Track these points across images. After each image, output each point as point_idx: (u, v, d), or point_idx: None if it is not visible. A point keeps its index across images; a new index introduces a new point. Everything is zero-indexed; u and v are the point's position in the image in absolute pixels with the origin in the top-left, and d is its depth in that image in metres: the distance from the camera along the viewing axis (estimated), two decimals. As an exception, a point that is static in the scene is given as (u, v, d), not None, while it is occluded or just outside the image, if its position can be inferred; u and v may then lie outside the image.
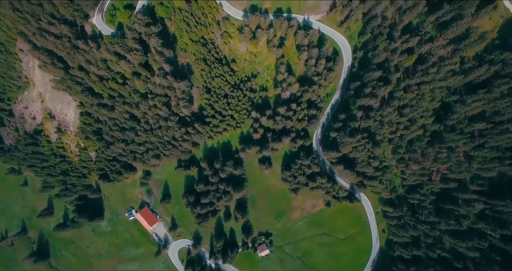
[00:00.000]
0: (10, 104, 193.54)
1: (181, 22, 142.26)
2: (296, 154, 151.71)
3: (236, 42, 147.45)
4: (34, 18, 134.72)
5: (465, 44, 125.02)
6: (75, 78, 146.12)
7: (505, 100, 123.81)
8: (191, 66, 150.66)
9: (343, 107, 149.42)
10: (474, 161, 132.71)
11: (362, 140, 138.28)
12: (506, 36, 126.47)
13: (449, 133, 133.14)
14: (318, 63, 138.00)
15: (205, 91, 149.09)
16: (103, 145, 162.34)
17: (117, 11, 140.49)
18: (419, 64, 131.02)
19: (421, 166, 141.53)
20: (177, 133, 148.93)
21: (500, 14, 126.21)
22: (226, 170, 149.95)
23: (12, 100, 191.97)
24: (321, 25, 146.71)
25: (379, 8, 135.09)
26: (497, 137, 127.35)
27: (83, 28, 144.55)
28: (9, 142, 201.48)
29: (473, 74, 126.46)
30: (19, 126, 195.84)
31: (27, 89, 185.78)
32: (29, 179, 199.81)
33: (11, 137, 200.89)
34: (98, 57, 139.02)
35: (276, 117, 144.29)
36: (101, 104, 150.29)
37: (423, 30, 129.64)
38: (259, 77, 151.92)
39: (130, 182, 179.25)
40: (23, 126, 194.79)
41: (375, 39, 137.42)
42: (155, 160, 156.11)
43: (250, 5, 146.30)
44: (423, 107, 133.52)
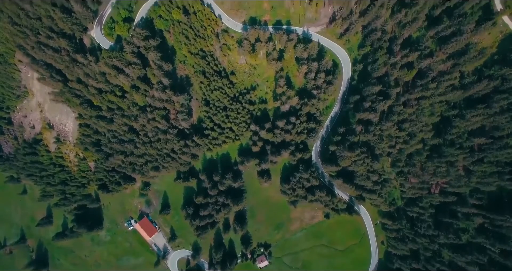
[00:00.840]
0: (9, 113, 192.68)
1: (180, 35, 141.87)
2: (295, 167, 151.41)
3: (235, 55, 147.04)
4: (33, 32, 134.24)
5: (465, 59, 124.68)
6: (73, 91, 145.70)
7: (505, 116, 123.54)
8: (190, 78, 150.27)
9: (343, 120, 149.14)
10: (473, 175, 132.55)
11: (361, 154, 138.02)
12: (505, 52, 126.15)
13: (449, 148, 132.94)
14: (318, 77, 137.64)
15: (204, 104, 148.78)
16: (102, 156, 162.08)
17: (115, 24, 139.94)
18: (418, 79, 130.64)
19: (420, 179, 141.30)
20: (176, 146, 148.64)
21: (499, 30, 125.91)
22: (225, 182, 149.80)
23: (11, 108, 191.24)
24: (320, 37, 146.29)
25: (379, 22, 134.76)
26: (496, 152, 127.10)
27: (81, 41, 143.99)
28: (8, 150, 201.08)
29: (472, 89, 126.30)
30: (18, 135, 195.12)
31: (26, 98, 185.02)
32: (28, 187, 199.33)
33: (10, 145, 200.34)
34: (97, 71, 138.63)
35: (275, 131, 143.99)
36: (100, 116, 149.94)
37: (423, 45, 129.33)
38: (258, 90, 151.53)
39: (129, 192, 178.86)
40: (22, 135, 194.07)
41: (375, 53, 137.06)
42: (154, 172, 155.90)
43: (249, 18, 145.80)
44: (422, 122, 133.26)
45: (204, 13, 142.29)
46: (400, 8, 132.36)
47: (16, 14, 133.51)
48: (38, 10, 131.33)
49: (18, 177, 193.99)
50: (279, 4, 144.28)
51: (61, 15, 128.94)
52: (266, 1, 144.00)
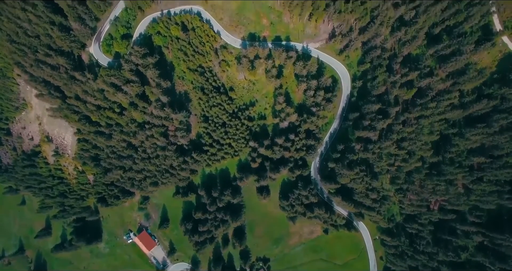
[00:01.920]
0: (8, 124, 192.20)
1: (178, 52, 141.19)
2: (294, 183, 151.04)
3: (234, 70, 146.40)
4: (31, 50, 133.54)
5: (464, 79, 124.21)
6: (72, 107, 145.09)
7: (504, 136, 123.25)
8: (189, 94, 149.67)
9: (342, 136, 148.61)
10: (473, 194, 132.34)
11: (360, 172, 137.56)
12: (504, 71, 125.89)
13: (448, 166, 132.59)
14: (317, 94, 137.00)
15: (202, 120, 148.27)
16: (100, 171, 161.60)
17: (113, 41, 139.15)
18: (418, 98, 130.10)
19: (419, 197, 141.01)
20: (175, 162, 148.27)
21: (498, 49, 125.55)
22: (224, 199, 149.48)
23: (10, 119, 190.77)
24: (320, 53, 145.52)
25: (379, 39, 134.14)
26: (495, 171, 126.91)
27: (80, 57, 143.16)
28: (7, 161, 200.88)
29: (472, 108, 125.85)
30: (17, 146, 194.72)
31: (25, 110, 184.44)
32: (27, 198, 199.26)
33: (8, 156, 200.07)
34: (95, 88, 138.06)
35: (274, 148, 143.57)
36: (98, 132, 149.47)
37: (423, 64, 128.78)
38: (258, 105, 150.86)
39: (128, 205, 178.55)
40: (20, 146, 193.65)
41: (375, 70, 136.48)
42: (152, 187, 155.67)
43: (248, 33, 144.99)
44: (421, 141, 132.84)
45: (203, 29, 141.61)
46: (400, 26, 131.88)
47: (14, 32, 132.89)
48: (37, 28, 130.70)
49: (17, 188, 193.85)
50: (278, 20, 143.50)
51: (59, 33, 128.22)
52: (265, 17, 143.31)
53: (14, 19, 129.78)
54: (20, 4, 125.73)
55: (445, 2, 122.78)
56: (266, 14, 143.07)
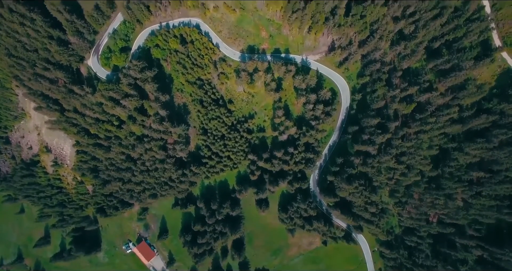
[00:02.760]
0: (7, 132, 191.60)
1: (177, 65, 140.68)
2: (293, 195, 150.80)
3: (233, 83, 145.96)
4: (29, 64, 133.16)
5: (464, 94, 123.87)
6: (70, 120, 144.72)
7: (504, 151, 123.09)
8: (188, 106, 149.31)
9: (341, 149, 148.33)
10: (472, 208, 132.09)
11: (359, 186, 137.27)
12: (503, 86, 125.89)
13: (447, 181, 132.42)
14: (316, 108, 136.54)
15: (201, 133, 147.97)
16: (99, 182, 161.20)
17: (112, 54, 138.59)
18: (417, 113, 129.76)
19: (418, 211, 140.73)
20: (174, 175, 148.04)
21: (497, 64, 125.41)
22: (223, 211, 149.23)
23: (9, 128, 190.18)
24: (319, 65, 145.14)
25: (378, 53, 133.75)
26: (495, 186, 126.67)
27: (78, 70, 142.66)
28: (6, 169, 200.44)
29: (471, 123, 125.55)
30: (16, 154, 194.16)
31: (24, 119, 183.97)
32: (25, 207, 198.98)
33: (7, 164, 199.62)
34: (94, 101, 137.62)
35: (273, 161, 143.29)
36: (97, 144, 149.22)
37: (422, 79, 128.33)
38: (257, 118, 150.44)
39: (127, 216, 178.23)
40: (19, 155, 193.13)
41: (374, 83, 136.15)
42: (151, 199, 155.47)
43: (247, 46, 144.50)
44: (421, 156, 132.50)
45: (202, 42, 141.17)
46: (400, 40, 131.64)
47: (13, 46, 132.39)
48: (35, 42, 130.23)
49: (15, 197, 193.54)
50: (277, 32, 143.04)
51: (57, 48, 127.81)
52: (264, 30, 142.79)
53: (13, 33, 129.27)
54: (19, 18, 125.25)
55: (444, 18, 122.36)
56: (265, 27, 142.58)
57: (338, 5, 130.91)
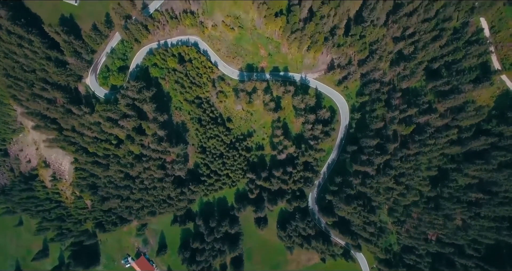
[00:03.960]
0: (5, 145, 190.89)
1: (175, 84, 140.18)
2: (292, 213, 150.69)
3: (232, 102, 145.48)
4: (27, 84, 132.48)
5: (463, 116, 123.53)
6: (68, 139, 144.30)
7: (503, 173, 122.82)
8: (186, 124, 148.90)
9: (340, 167, 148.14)
10: (471, 229, 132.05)
11: (358, 207, 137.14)
12: (502, 107, 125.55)
13: (446, 201, 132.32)
14: (315, 128, 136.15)
15: (200, 151, 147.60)
16: (98, 199, 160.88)
17: (110, 73, 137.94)
18: (417, 134, 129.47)
19: (417, 230, 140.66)
20: (173, 193, 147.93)
21: (496, 86, 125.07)
22: (222, 229, 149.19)
23: (7, 140, 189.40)
24: (318, 83, 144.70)
25: (377, 73, 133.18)
26: (494, 207, 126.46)
27: (76, 89, 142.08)
28: (4, 182, 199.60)
29: (470, 144, 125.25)
30: (14, 167, 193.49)
31: (22, 132, 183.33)
32: (24, 219, 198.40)
33: (5, 177, 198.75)
34: (92, 121, 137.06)
35: (272, 180, 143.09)
36: (95, 162, 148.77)
37: (421, 100, 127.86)
38: (255, 136, 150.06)
39: (126, 230, 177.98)
40: (18, 167, 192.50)
41: (373, 103, 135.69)
42: (150, 216, 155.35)
43: (246, 64, 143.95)
44: (420, 177, 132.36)
45: (200, 60, 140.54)
46: (399, 60, 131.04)
47: (11, 66, 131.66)
48: (33, 63, 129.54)
49: (14, 211, 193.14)
50: (276, 50, 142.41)
51: (55, 69, 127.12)
52: (263, 48, 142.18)
53: (11, 54, 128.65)
54: (17, 40, 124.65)
55: (444, 40, 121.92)
56: (264, 45, 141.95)
57: (338, 25, 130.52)
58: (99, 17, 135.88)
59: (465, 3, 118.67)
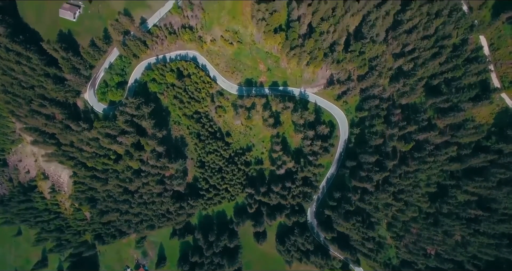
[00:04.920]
0: (4, 155, 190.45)
1: (173, 99, 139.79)
2: (290, 228, 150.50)
3: (231, 116, 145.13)
4: (25, 101, 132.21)
5: (462, 134, 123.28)
6: (67, 154, 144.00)
7: (502, 191, 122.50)
8: (185, 138, 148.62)
9: (339, 181, 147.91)
10: (470, 245, 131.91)
11: (356, 223, 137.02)
12: (501, 124, 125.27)
13: (445, 218, 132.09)
14: (314, 144, 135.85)
15: (199, 165, 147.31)
16: (97, 212, 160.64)
17: (108, 90, 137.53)
18: (416, 151, 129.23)
19: (416, 246, 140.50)
20: (171, 208, 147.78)
21: (496, 103, 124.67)
22: (220, 244, 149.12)
23: (6, 151, 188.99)
24: (318, 98, 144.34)
25: (377, 89, 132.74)
26: (493, 225, 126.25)
27: (75, 104, 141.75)
28: (3, 192, 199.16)
29: (470, 161, 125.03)
30: (13, 177, 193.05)
31: (21, 143, 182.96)
32: (23, 229, 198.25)
33: (4, 187, 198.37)
34: (90, 136, 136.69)
35: (271, 195, 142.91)
36: (94, 176, 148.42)
37: (421, 117, 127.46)
38: (254, 150, 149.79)
39: (125, 242, 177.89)
40: (17, 177, 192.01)
41: (372, 119, 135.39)
42: (149, 230, 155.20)
43: (245, 79, 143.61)
44: (419, 194, 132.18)
45: (199, 75, 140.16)
46: (399, 76, 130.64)
47: (9, 83, 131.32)
48: (31, 80, 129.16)
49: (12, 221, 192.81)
50: (275, 65, 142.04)
51: (53, 86, 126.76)
52: (262, 63, 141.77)
53: (9, 71, 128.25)
54: (15, 57, 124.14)
55: (443, 57, 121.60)
56: (263, 60, 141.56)
57: (337, 41, 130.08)
58: (97, 32, 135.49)
59: (464, 21, 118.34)
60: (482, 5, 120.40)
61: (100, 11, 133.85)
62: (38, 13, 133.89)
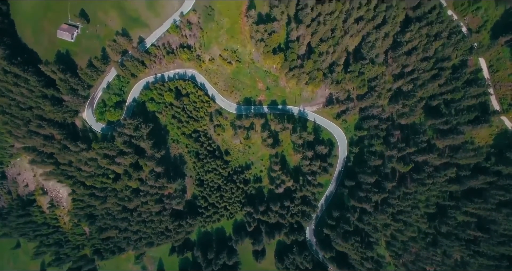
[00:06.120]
0: (3, 167, 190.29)
1: (172, 118, 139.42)
2: (289, 246, 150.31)
3: (229, 135, 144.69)
4: (23, 122, 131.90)
5: (461, 156, 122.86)
6: (65, 173, 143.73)
7: (501, 214, 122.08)
8: (184, 156, 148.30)
9: (338, 199, 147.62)
10: (469, 266, 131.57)
11: (355, 243, 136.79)
12: (500, 146, 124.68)
13: (444, 239, 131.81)
14: (313, 164, 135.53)
15: (197, 184, 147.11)
16: (95, 229, 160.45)
17: (106, 110, 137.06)
18: (415, 173, 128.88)
19: (414, 265, 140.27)
20: (170, 226, 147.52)
21: (495, 124, 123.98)
22: (219, 262, 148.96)
23: (5, 163, 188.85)
24: (317, 116, 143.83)
25: (376, 110, 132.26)
26: (493, 246, 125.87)
27: (73, 123, 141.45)
28: (1, 204, 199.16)
29: (469, 183, 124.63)
30: (12, 190, 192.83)
31: (20, 157, 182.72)
32: (21, 241, 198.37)
33: (3, 200, 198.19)
34: (88, 156, 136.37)
35: (270, 213, 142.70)
36: (93, 195, 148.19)
37: (420, 139, 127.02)
38: (253, 168, 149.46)
39: (125, 257, 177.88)
40: (16, 190, 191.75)
41: (371, 139, 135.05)
42: (148, 247, 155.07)
43: (244, 98, 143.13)
44: (418, 215, 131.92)
45: (197, 95, 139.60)
46: (398, 96, 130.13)
47: (7, 104, 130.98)
48: (29, 101, 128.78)
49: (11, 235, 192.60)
50: (274, 84, 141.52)
51: (51, 108, 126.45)
52: (261, 82, 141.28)
53: (7, 93, 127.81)
54: (13, 79, 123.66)
55: (442, 79, 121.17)
56: (262, 79, 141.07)
57: (336, 62, 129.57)
58: (95, 52, 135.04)
59: (464, 43, 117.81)
60: (481, 27, 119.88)
61: (98, 31, 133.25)
62: (36, 33, 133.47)
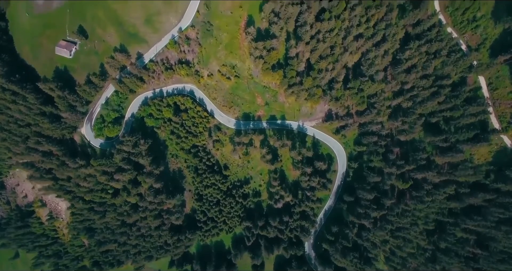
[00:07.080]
0: (1, 178, 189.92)
1: (170, 134, 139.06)
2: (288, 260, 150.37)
3: (228, 150, 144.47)
4: (22, 138, 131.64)
5: (460, 174, 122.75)
6: (64, 188, 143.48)
7: (501, 232, 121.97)
8: (183, 171, 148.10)
9: (336, 214, 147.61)
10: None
11: (354, 259, 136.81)
12: (500, 164, 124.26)
13: (443, 255, 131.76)
14: (312, 180, 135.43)
15: (196, 199, 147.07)
16: (94, 242, 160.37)
17: (105, 126, 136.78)
18: (414, 190, 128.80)
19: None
20: (169, 240, 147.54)
21: (494, 142, 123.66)
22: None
23: (3, 174, 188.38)
24: (316, 131, 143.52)
25: (375, 126, 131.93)
26: (492, 264, 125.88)
27: (72, 139, 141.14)
28: (0, 214, 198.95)
29: (468, 200, 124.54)
30: (11, 200, 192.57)
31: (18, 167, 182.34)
32: (20, 252, 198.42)
33: (2, 209, 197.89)
34: (87, 173, 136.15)
35: (269, 228, 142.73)
36: (92, 209, 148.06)
37: (419, 156, 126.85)
38: (252, 182, 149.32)
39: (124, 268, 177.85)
40: (14, 200, 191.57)
41: (371, 155, 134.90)
42: (147, 261, 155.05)
43: (243, 113, 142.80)
44: (416, 232, 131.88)
45: (196, 110, 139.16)
46: (398, 113, 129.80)
47: (5, 121, 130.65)
48: (27, 118, 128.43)
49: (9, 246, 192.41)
50: (273, 99, 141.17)
51: (49, 125, 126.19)
52: (260, 97, 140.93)
53: (5, 110, 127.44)
54: (11, 97, 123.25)
55: (442, 97, 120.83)
56: (261, 94, 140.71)
57: (336, 78, 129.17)
58: (94, 68, 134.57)
59: (463, 62, 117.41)
60: (480, 44, 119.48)
61: (96, 47, 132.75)
62: (35, 50, 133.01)
